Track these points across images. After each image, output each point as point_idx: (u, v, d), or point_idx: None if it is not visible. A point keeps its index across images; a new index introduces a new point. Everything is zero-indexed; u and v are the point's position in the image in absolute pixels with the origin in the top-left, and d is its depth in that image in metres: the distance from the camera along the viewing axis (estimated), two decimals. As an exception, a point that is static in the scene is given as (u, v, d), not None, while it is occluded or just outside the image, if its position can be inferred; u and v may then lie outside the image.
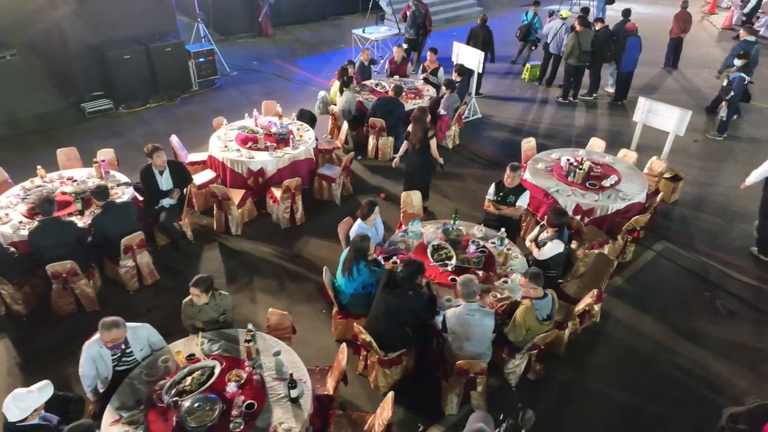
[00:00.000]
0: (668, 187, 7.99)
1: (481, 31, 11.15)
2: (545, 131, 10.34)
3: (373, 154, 9.11)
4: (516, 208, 6.21)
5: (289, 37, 15.33)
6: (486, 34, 11.08)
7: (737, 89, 9.35)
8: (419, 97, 9.46)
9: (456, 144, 9.63)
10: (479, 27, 11.21)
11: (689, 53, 14.45)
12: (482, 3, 18.66)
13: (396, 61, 10.48)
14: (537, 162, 7.41)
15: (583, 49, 10.77)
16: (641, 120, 8.16)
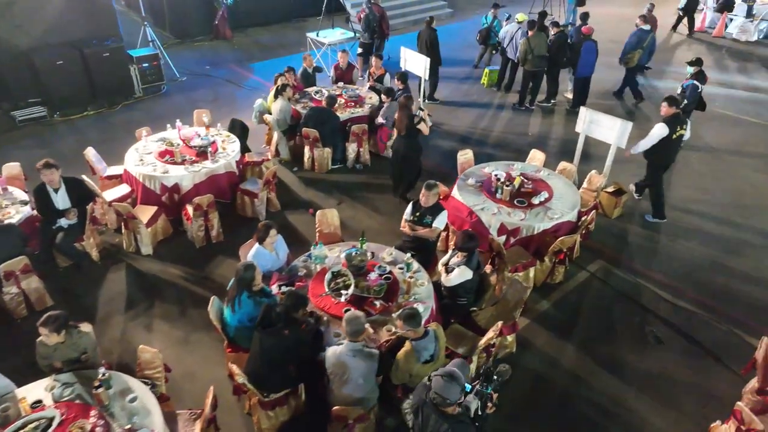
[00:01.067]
0: (610, 202, 7.62)
1: (425, 33, 10.73)
2: (496, 140, 9.95)
3: (309, 166, 8.71)
4: (432, 230, 5.82)
5: (247, 39, 14.92)
6: (430, 36, 10.63)
7: (690, 97, 8.96)
8: (359, 105, 9.05)
9: (399, 154, 9.22)
10: (425, 29, 10.78)
11: (658, 56, 14.06)
12: (453, 4, 18.26)
13: (341, 67, 10.07)
14: (468, 177, 7.01)
15: (536, 54, 10.38)
16: (583, 131, 7.78)
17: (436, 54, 10.62)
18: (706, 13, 16.56)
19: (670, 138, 6.94)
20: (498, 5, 12.38)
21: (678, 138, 7.07)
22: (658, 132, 6.88)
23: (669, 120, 6.92)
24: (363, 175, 8.70)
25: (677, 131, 6.99)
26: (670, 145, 7.00)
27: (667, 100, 7.04)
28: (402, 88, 9.11)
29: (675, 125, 6.93)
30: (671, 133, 6.92)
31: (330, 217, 6.25)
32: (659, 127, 6.89)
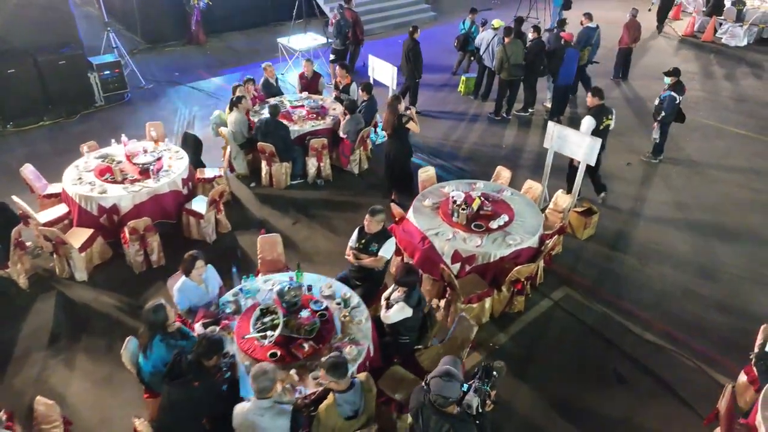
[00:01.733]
0: (579, 223, 7.19)
1: (407, 44, 10.25)
2: (468, 152, 9.52)
3: (267, 181, 8.27)
4: (377, 259, 5.39)
5: (222, 44, 14.48)
6: (412, 48, 10.14)
7: (668, 109, 8.54)
8: (321, 117, 8.61)
9: (363, 169, 8.79)
10: (408, 39, 10.28)
11: (644, 62, 13.68)
12: (437, 7, 17.83)
13: (306, 76, 9.63)
14: (425, 197, 6.57)
15: (512, 63, 9.95)
16: (552, 147, 7.35)
17: (417, 66, 10.11)
18: (694, 17, 16.12)
19: (597, 129, 7.14)
20: (476, 10, 11.95)
21: (605, 128, 7.30)
22: (587, 124, 7.11)
23: (595, 111, 7.19)
24: (324, 192, 8.27)
25: (604, 122, 7.23)
26: (598, 135, 7.06)
27: (592, 91, 7.37)
28: (367, 99, 8.69)
29: (601, 116, 7.20)
30: (598, 124, 7.15)
31: (272, 242, 5.81)
32: (587, 120, 7.14)
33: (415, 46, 10.10)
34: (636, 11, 12.04)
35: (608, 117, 7.29)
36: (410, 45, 10.13)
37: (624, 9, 17.76)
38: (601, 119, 7.18)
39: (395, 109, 7.15)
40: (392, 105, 7.18)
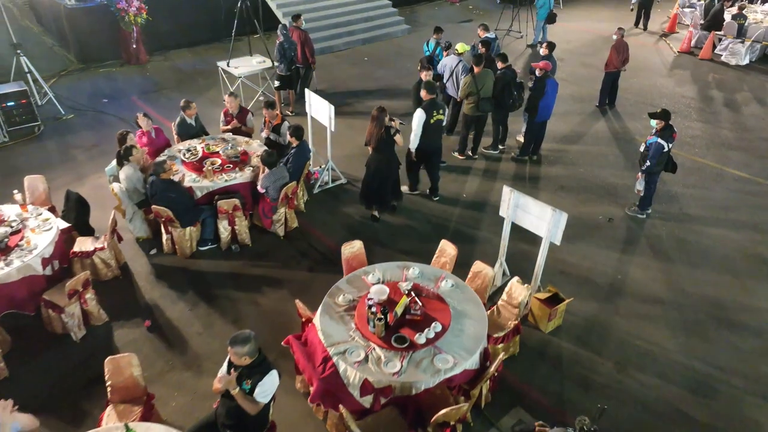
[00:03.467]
0: (542, 313, 5.75)
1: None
2: (415, 207, 8.06)
3: (170, 248, 6.83)
4: (250, 402, 3.94)
5: (166, 64, 13.03)
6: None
7: (654, 159, 7.10)
8: (239, 167, 7.16)
9: (292, 228, 7.35)
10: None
11: (634, 85, 12.23)
12: (411, 19, 16.38)
13: (231, 113, 8.17)
14: (339, 292, 5.13)
15: (483, 96, 8.50)
16: (508, 216, 5.90)
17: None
18: (691, 31, 14.67)
19: (428, 123, 7.19)
20: (440, 29, 10.49)
21: (436, 122, 7.31)
22: (417, 118, 7.16)
23: (426, 106, 7.19)
24: (239, 261, 6.83)
25: (434, 116, 7.24)
26: (429, 129, 7.24)
27: (425, 87, 7.29)
28: (296, 146, 7.25)
29: (431, 110, 7.21)
30: (428, 117, 7.15)
31: (123, 364, 4.36)
32: (417, 113, 7.17)
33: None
34: (623, 31, 10.58)
35: (439, 112, 7.26)
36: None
37: (611, 20, 16.36)
38: (431, 113, 7.17)
39: (381, 122, 6.74)
40: (379, 117, 6.75)
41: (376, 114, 6.78)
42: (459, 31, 15.69)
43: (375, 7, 15.71)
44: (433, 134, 7.40)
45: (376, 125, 6.79)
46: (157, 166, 6.31)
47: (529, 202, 5.62)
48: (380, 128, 6.76)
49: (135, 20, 12.08)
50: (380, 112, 6.77)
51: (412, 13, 17.29)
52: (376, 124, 6.79)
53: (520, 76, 12.58)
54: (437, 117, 7.27)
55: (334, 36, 14.44)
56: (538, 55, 14.13)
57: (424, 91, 7.29)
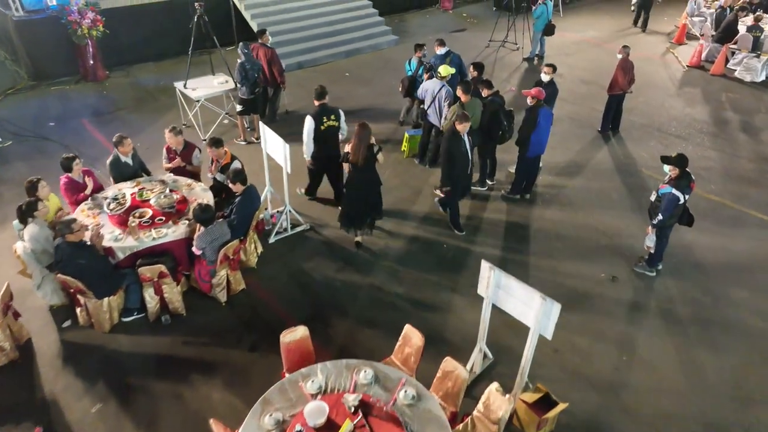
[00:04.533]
0: (530, 419, 4.62)
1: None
2: (392, 261, 6.93)
3: (86, 321, 5.70)
4: None
5: (126, 81, 11.91)
6: None
7: (667, 212, 5.95)
8: (173, 221, 6.03)
9: (237, 291, 6.22)
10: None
11: (639, 105, 11.08)
12: (399, 29, 15.22)
13: (174, 150, 7.04)
14: (265, 409, 4.00)
15: (472, 126, 7.35)
16: (488, 297, 4.75)
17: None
18: (702, 44, 13.49)
19: (319, 129, 6.95)
20: (422, 46, 9.34)
21: (328, 129, 7.04)
22: (307, 125, 6.94)
23: (314, 113, 6.97)
24: (167, 336, 5.71)
25: (325, 122, 6.99)
26: (322, 136, 7.01)
27: (316, 95, 7.05)
28: (241, 192, 6.12)
29: (321, 116, 6.96)
30: (318, 124, 6.92)
31: None
32: (307, 120, 6.94)
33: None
34: (628, 49, 9.42)
35: (330, 118, 6.99)
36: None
37: (611, 30, 15.17)
38: (321, 119, 6.94)
39: (367, 138, 6.36)
40: (364, 134, 6.36)
41: (360, 131, 6.33)
42: (451, 42, 14.42)
43: (359, 17, 14.57)
44: (328, 141, 7.09)
45: (361, 142, 6.33)
46: (63, 227, 5.18)
47: (513, 284, 4.48)
48: (365, 145, 6.33)
49: (89, 33, 10.95)
50: (364, 129, 6.34)
51: (401, 22, 16.15)
52: (360, 140, 6.33)
53: (516, 94, 11.54)
54: (329, 123, 7.00)
55: (314, 48, 13.31)
56: (535, 70, 13.06)
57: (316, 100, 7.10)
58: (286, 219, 7.16)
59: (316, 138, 6.99)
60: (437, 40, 9.13)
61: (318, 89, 7.06)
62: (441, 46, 9.03)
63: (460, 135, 6.64)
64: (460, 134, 6.63)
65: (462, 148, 6.71)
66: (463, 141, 6.68)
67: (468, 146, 6.78)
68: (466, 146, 6.75)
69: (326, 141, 7.09)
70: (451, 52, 9.01)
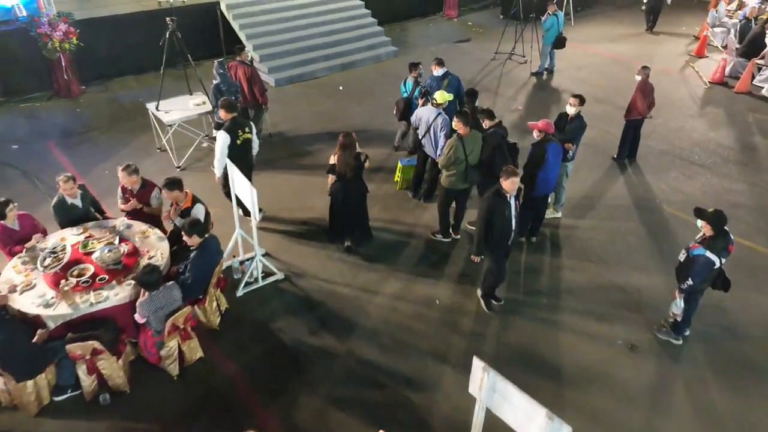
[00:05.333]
0: None
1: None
2: (376, 321, 6.04)
3: (9, 402, 4.86)
4: None
5: (102, 96, 11.10)
6: None
7: (699, 277, 5.03)
8: (118, 280, 5.17)
9: (193, 361, 5.36)
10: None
11: (658, 128, 10.13)
12: (399, 41, 14.31)
13: (130, 189, 6.17)
14: None
15: (471, 163, 6.48)
16: (482, 400, 3.84)
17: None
18: (725, 58, 12.48)
19: (235, 144, 6.60)
20: (417, 65, 8.43)
21: (244, 142, 6.74)
22: (221, 142, 6.54)
23: (228, 127, 6.60)
24: (105, 421, 4.85)
25: (240, 136, 6.67)
26: (237, 150, 6.63)
27: (224, 106, 6.66)
28: (197, 247, 5.25)
29: (235, 130, 6.63)
30: (234, 139, 6.59)
31: None
32: (220, 136, 6.56)
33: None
34: (648, 70, 8.46)
35: (245, 131, 6.70)
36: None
37: (628, 41, 14.09)
38: (236, 133, 6.59)
39: (353, 147, 6.25)
40: (351, 145, 6.23)
41: (345, 141, 6.22)
42: (454, 53, 13.66)
43: (356, 27, 13.68)
44: (242, 156, 6.66)
45: (347, 152, 6.23)
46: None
47: (512, 391, 3.56)
48: (353, 155, 6.20)
49: (61, 47, 10.14)
50: (348, 138, 6.22)
51: (402, 31, 15.24)
52: (346, 150, 6.23)
53: (522, 114, 10.61)
54: (244, 136, 6.68)
55: (307, 61, 12.44)
56: (544, 86, 12.12)
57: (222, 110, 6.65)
58: (257, 268, 6.28)
59: (231, 155, 6.43)
60: (435, 60, 8.21)
61: (226, 101, 6.65)
62: (439, 66, 8.11)
63: (506, 196, 5.38)
64: (507, 195, 5.37)
65: (507, 212, 5.41)
66: (509, 204, 5.40)
67: (514, 210, 5.48)
68: (511, 210, 5.43)
69: (242, 157, 6.62)
70: (450, 74, 8.09)
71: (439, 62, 8.14)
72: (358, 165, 6.30)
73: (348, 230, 6.79)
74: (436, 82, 7.99)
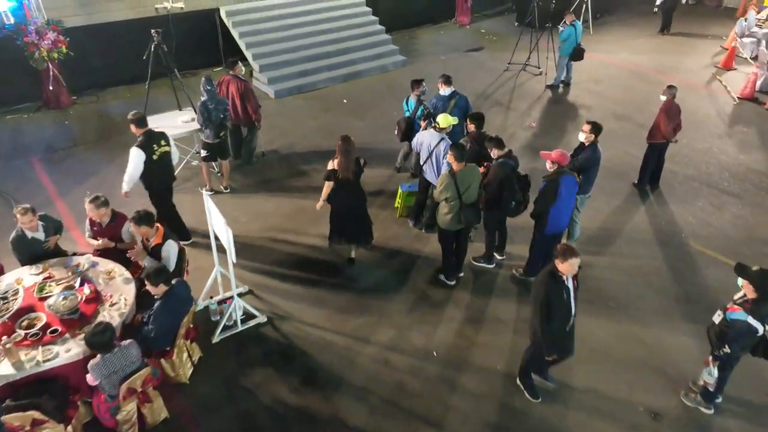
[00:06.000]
0: None
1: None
2: (361, 377, 5.40)
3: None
4: None
5: (93, 108, 10.63)
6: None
7: (738, 342, 4.33)
8: (72, 332, 4.59)
9: (157, 422, 4.76)
10: None
11: (682, 149, 9.37)
12: (407, 49, 13.67)
13: (99, 222, 5.61)
14: None
15: (466, 202, 5.80)
16: None
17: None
18: (756, 72, 11.65)
19: (151, 159, 6.19)
20: (419, 82, 7.76)
21: (161, 156, 6.30)
22: (135, 159, 6.16)
23: (141, 143, 6.17)
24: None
25: (156, 150, 6.24)
26: (155, 165, 6.25)
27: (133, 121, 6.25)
28: (162, 296, 4.65)
29: (150, 145, 6.19)
30: (150, 154, 6.17)
31: None
32: (133, 153, 6.17)
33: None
34: (675, 90, 7.72)
35: (161, 144, 6.30)
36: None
37: (648, 51, 13.25)
38: (151, 148, 6.20)
39: (353, 152, 6.01)
40: (351, 148, 5.97)
41: (344, 144, 5.96)
42: (465, 63, 13.03)
43: (364, 34, 13.05)
44: (161, 172, 6.40)
45: (348, 156, 5.97)
46: None
47: None
48: (352, 159, 5.97)
49: (49, 56, 9.64)
50: (347, 142, 5.96)
51: (411, 39, 14.59)
52: (346, 155, 5.96)
53: (535, 131, 9.92)
54: (160, 150, 6.29)
55: (309, 71, 11.85)
56: (559, 100, 11.40)
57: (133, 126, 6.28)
58: (235, 311, 5.67)
59: (150, 171, 6.21)
60: (442, 77, 7.54)
61: (136, 115, 6.29)
62: (446, 84, 7.45)
63: (563, 279, 4.43)
64: (563, 278, 4.43)
65: (565, 296, 4.46)
66: (567, 288, 4.46)
67: (572, 294, 4.53)
68: (570, 294, 4.49)
69: (162, 171, 6.37)
70: (457, 94, 7.43)
71: (446, 80, 7.48)
72: (358, 169, 6.10)
73: (353, 237, 6.46)
74: (442, 102, 7.34)
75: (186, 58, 11.74)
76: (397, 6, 14.44)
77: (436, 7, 15.53)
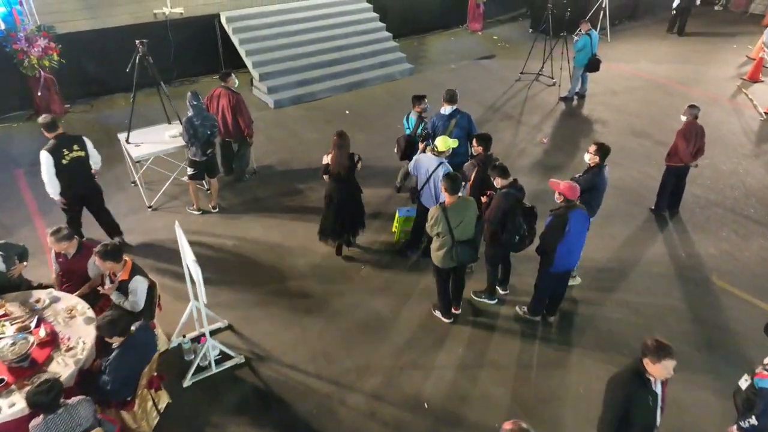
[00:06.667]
0: None
1: None
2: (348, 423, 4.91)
3: None
4: None
5: (87, 117, 10.28)
6: None
7: (767, 414, 3.74)
8: (19, 383, 4.14)
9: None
10: None
11: (704, 171, 8.74)
12: (414, 57, 13.15)
13: (64, 254, 5.18)
14: None
15: (459, 239, 5.28)
16: None
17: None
18: (784, 85, 10.94)
19: (61, 164, 5.94)
20: (421, 98, 7.25)
21: (73, 161, 6.04)
22: (44, 164, 5.93)
23: (50, 147, 5.94)
24: None
25: (66, 156, 5.98)
26: (67, 170, 6.00)
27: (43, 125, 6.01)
28: (120, 344, 4.19)
29: (59, 149, 5.95)
30: (58, 158, 5.93)
31: None
32: (42, 157, 5.93)
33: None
34: (697, 111, 7.11)
35: (72, 149, 6.03)
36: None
37: (670, 60, 12.51)
38: (60, 153, 5.93)
39: (347, 147, 6.05)
40: (345, 144, 6.01)
41: (339, 140, 5.99)
42: (475, 72, 12.48)
43: (369, 41, 12.57)
44: (76, 176, 6.15)
45: (341, 151, 6.00)
46: None
47: None
48: (346, 155, 6.01)
49: (40, 64, 9.29)
50: (342, 138, 6.00)
51: (420, 46, 14.07)
52: (340, 150, 6.00)
53: (546, 148, 9.34)
54: (72, 155, 6.05)
55: (311, 80, 11.40)
56: (574, 114, 10.80)
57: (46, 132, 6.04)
58: (209, 351, 5.21)
59: (61, 174, 6.01)
60: (445, 94, 6.97)
61: (46, 119, 6.02)
62: (449, 103, 6.89)
63: (651, 383, 3.52)
64: (651, 382, 3.52)
65: (651, 403, 3.54)
66: (654, 394, 3.54)
67: (660, 401, 3.61)
68: (657, 400, 3.57)
69: (74, 176, 6.13)
70: (459, 113, 6.89)
71: (449, 99, 6.92)
72: (352, 165, 6.15)
73: (349, 228, 6.56)
74: (442, 122, 6.81)
75: (185, 66, 11.39)
76: (405, 12, 13.94)
77: (447, 12, 14.98)
